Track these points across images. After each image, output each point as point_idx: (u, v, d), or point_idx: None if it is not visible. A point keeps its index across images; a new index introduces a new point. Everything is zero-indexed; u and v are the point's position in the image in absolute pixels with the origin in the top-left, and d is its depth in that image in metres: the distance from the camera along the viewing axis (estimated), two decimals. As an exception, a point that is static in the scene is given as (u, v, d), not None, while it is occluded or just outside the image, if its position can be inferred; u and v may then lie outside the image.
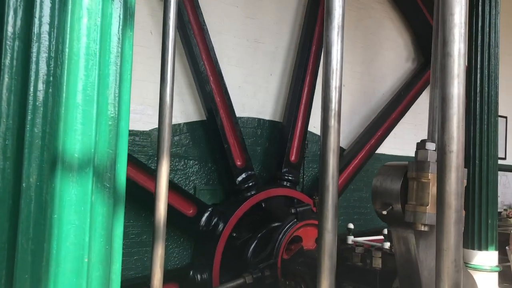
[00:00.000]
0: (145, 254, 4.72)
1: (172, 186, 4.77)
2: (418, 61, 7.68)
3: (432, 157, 2.16)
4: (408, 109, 7.21)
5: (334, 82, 1.92)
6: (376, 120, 6.94)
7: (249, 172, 5.21)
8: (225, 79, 5.31)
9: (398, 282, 2.50)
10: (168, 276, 4.72)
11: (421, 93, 7.30)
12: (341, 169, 6.26)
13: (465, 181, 2.24)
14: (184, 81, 5.22)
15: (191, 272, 4.79)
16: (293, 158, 5.70)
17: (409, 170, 2.23)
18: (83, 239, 1.11)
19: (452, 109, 1.81)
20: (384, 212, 2.24)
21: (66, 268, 1.08)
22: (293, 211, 4.33)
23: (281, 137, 5.80)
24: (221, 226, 4.80)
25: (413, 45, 7.63)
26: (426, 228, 2.15)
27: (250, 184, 5.15)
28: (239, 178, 5.12)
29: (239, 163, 5.18)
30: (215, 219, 4.83)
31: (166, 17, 2.33)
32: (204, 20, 5.04)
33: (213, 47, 5.09)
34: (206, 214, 4.82)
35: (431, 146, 2.21)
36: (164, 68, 2.35)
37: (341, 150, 6.73)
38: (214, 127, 5.11)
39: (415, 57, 7.68)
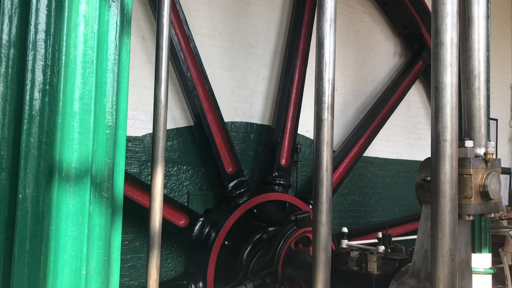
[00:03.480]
0: (138, 261, 4.67)
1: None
2: (406, 57, 7.55)
3: (471, 153, 2.24)
4: (399, 103, 7.01)
5: (327, 75, 1.90)
6: (367, 117, 6.76)
7: (240, 179, 5.14)
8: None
9: (412, 259, 2.54)
10: (162, 289, 4.62)
11: (410, 87, 7.17)
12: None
13: (499, 169, 2.29)
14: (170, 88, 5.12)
15: (185, 283, 4.72)
16: (283, 162, 5.62)
17: None
18: (80, 250, 1.08)
19: (445, 97, 1.82)
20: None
21: (63, 281, 1.05)
22: (293, 218, 4.32)
23: (271, 141, 5.74)
24: (213, 235, 4.75)
25: (402, 44, 7.55)
26: (471, 218, 2.22)
27: (242, 190, 5.09)
28: (230, 185, 5.06)
29: (229, 169, 5.11)
30: (207, 228, 4.78)
31: (160, 15, 2.29)
32: (187, 24, 4.90)
33: (198, 52, 4.96)
34: (198, 224, 4.77)
35: (469, 143, 2.27)
36: (158, 67, 2.32)
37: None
38: (203, 133, 5.04)
39: (404, 53, 7.56)
